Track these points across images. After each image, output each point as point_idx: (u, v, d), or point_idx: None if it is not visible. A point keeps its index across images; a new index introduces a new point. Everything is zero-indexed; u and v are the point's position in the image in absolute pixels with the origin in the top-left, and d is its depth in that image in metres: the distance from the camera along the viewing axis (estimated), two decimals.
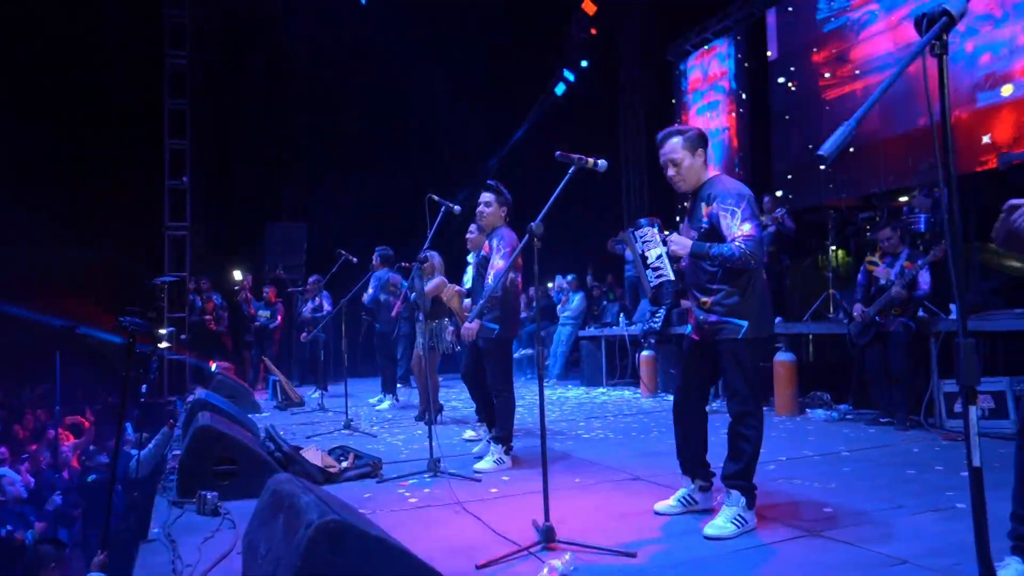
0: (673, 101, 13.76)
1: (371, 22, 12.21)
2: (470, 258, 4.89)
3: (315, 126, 12.88)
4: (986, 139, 7.80)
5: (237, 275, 12.07)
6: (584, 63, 14.23)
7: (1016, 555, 2.17)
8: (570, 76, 14.23)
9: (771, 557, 2.66)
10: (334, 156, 12.76)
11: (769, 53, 11.44)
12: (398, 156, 12.71)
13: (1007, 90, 7.51)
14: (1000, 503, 2.22)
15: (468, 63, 12.76)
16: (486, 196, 4.63)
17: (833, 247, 8.28)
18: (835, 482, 3.78)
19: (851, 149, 9.79)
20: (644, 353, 8.64)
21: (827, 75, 10.40)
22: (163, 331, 10.97)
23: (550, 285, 12.43)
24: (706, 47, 12.91)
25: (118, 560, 3.45)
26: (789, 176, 10.99)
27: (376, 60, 12.37)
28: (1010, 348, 5.60)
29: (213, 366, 9.64)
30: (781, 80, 11.24)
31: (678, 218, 10.62)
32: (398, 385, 9.82)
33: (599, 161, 3.03)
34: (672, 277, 3.01)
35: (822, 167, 10.27)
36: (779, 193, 10.09)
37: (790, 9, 11.05)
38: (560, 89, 14.25)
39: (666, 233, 3.11)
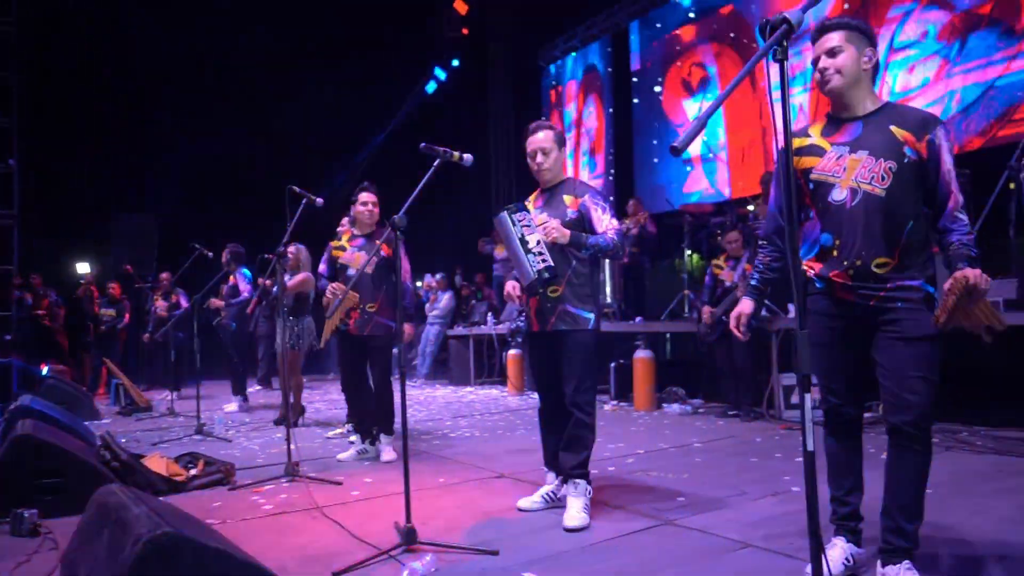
0: (542, 104, 14.05)
1: (234, 8, 11.53)
2: (343, 249, 4.73)
3: (167, 110, 12.00)
4: None
5: (83, 268, 10.98)
6: (455, 62, 14.22)
7: (841, 535, 2.35)
8: (441, 74, 14.17)
9: (627, 547, 2.73)
10: (188, 143, 11.92)
11: (632, 62, 11.94)
12: (258, 146, 12.06)
13: None
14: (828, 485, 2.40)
15: (336, 56, 12.37)
16: (372, 196, 4.67)
17: (688, 250, 8.75)
18: (688, 472, 3.97)
19: (712, 154, 10.40)
20: (511, 352, 8.74)
21: (683, 83, 10.99)
22: None
23: (419, 284, 12.30)
24: (574, 53, 13.28)
25: None
26: (652, 180, 11.52)
27: (238, 46, 11.69)
28: None
29: (45, 369, 8.73)
30: (642, 88, 11.76)
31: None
32: (258, 387, 9.37)
33: (464, 155, 3.00)
34: (552, 263, 3.03)
35: (686, 170, 10.84)
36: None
37: (652, 23, 11.58)
38: (431, 87, 14.16)
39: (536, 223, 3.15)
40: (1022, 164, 5.13)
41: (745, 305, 2.47)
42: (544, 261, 3.00)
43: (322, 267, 4.79)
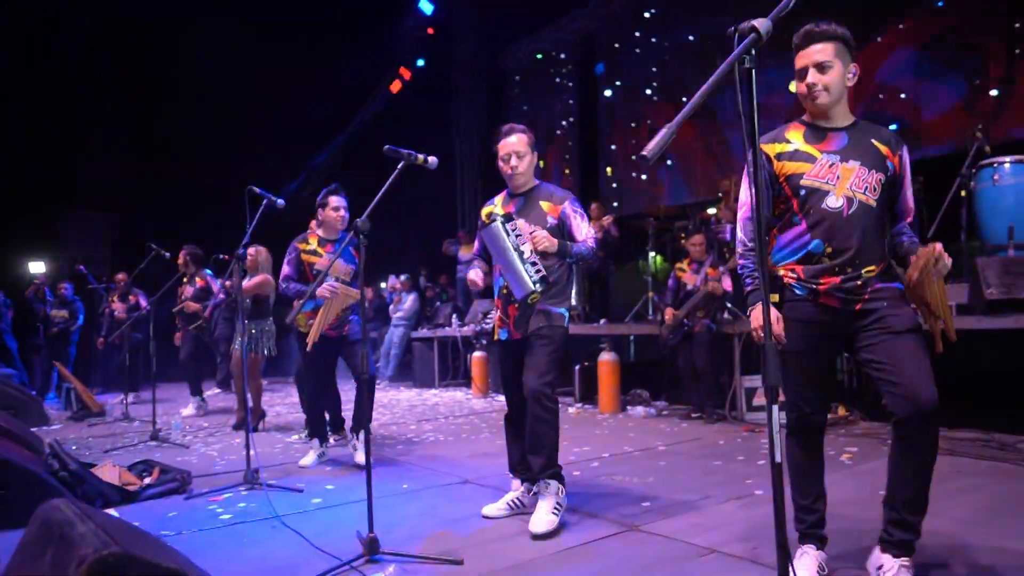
0: (508, 105, 14.03)
1: (191, 1, 11.25)
2: (317, 255, 4.62)
3: (123, 107, 11.65)
4: None
5: (37, 268, 10.59)
6: (420, 62, 14.11)
7: (810, 543, 2.35)
8: (406, 74, 14.05)
9: (593, 555, 2.71)
10: (144, 141, 11.61)
11: (597, 66, 12.00)
12: (217, 145, 11.78)
13: None
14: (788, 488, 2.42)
15: (300, 54, 12.17)
16: (343, 200, 4.60)
17: (652, 253, 8.81)
18: (652, 476, 3.98)
19: (668, 162, 10.49)
20: (476, 354, 8.69)
21: (651, 90, 11.07)
22: None
23: (383, 285, 12.18)
24: (539, 56, 13.29)
25: None
26: (614, 185, 11.59)
27: (196, 41, 11.41)
28: None
29: None
30: (608, 93, 11.82)
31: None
32: (216, 390, 9.16)
33: (429, 158, 2.95)
34: (546, 274, 3.01)
35: (643, 176, 10.92)
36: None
37: (620, 31, 11.64)
38: (396, 87, 14.03)
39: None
40: (972, 172, 5.28)
41: (773, 313, 2.26)
42: (539, 272, 2.98)
43: (288, 269, 4.64)
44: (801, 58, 2.24)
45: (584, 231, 3.18)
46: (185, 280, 7.47)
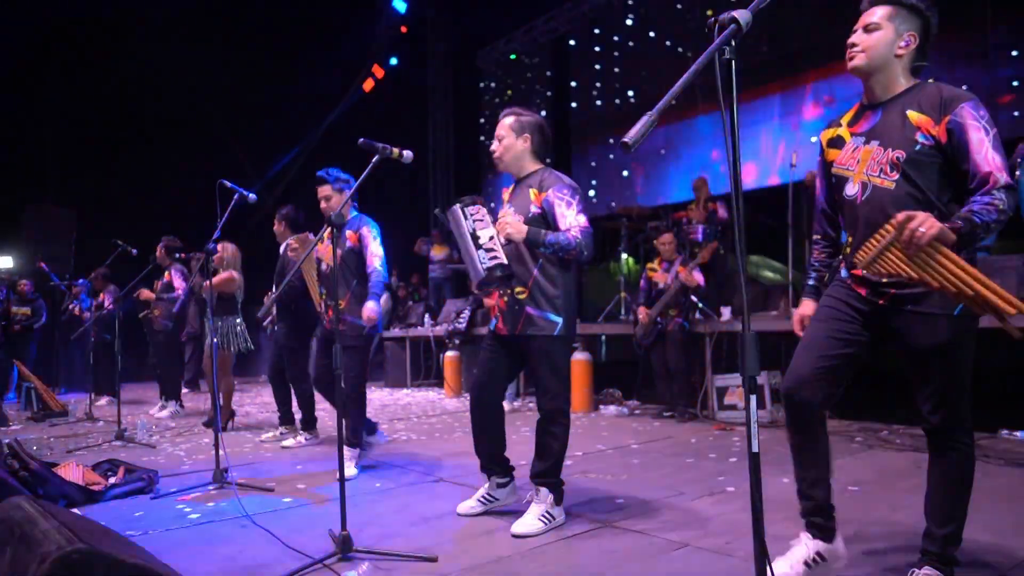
0: (480, 104, 14.01)
1: None
2: (322, 241, 4.51)
3: (88, 97, 11.36)
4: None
5: (3, 263, 10.28)
6: (394, 60, 14.03)
7: (808, 531, 2.23)
8: (379, 73, 13.96)
9: (569, 551, 2.71)
10: (109, 133, 11.34)
11: (570, 67, 12.04)
12: (187, 139, 11.57)
13: None
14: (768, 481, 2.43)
15: (273, 49, 12.02)
16: (325, 189, 4.35)
17: (624, 254, 8.86)
18: (626, 474, 3.99)
19: (628, 172, 10.56)
20: (448, 354, 8.66)
21: (622, 91, 11.13)
22: None
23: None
24: (513, 56, 13.30)
25: None
26: (591, 184, 11.63)
27: (164, 33, 11.19)
28: (764, 345, 6.35)
29: None
30: (582, 91, 11.86)
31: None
32: (185, 390, 9.00)
33: (405, 152, 2.91)
34: (505, 261, 2.85)
35: (625, 172, 10.98)
36: None
37: (593, 33, 11.70)
38: (368, 85, 13.93)
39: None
40: None
41: (807, 307, 2.33)
42: (495, 259, 2.81)
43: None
44: (859, 22, 2.11)
45: (568, 220, 2.89)
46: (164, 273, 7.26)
